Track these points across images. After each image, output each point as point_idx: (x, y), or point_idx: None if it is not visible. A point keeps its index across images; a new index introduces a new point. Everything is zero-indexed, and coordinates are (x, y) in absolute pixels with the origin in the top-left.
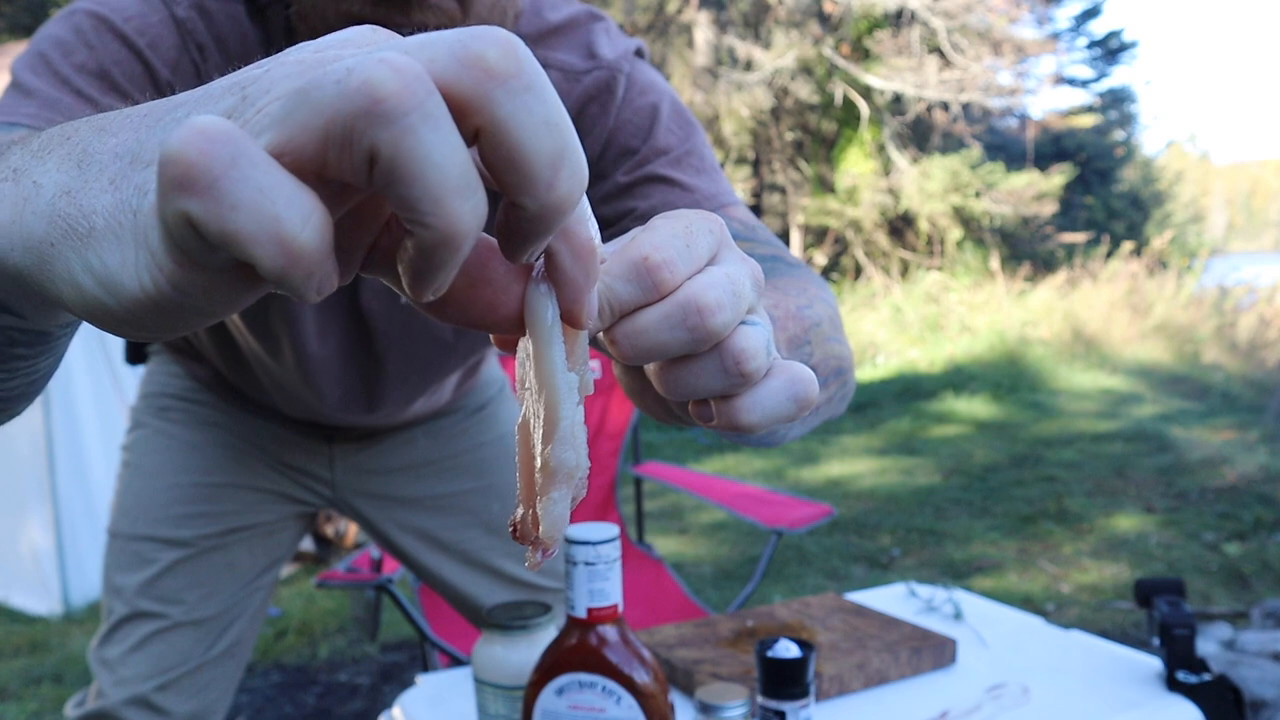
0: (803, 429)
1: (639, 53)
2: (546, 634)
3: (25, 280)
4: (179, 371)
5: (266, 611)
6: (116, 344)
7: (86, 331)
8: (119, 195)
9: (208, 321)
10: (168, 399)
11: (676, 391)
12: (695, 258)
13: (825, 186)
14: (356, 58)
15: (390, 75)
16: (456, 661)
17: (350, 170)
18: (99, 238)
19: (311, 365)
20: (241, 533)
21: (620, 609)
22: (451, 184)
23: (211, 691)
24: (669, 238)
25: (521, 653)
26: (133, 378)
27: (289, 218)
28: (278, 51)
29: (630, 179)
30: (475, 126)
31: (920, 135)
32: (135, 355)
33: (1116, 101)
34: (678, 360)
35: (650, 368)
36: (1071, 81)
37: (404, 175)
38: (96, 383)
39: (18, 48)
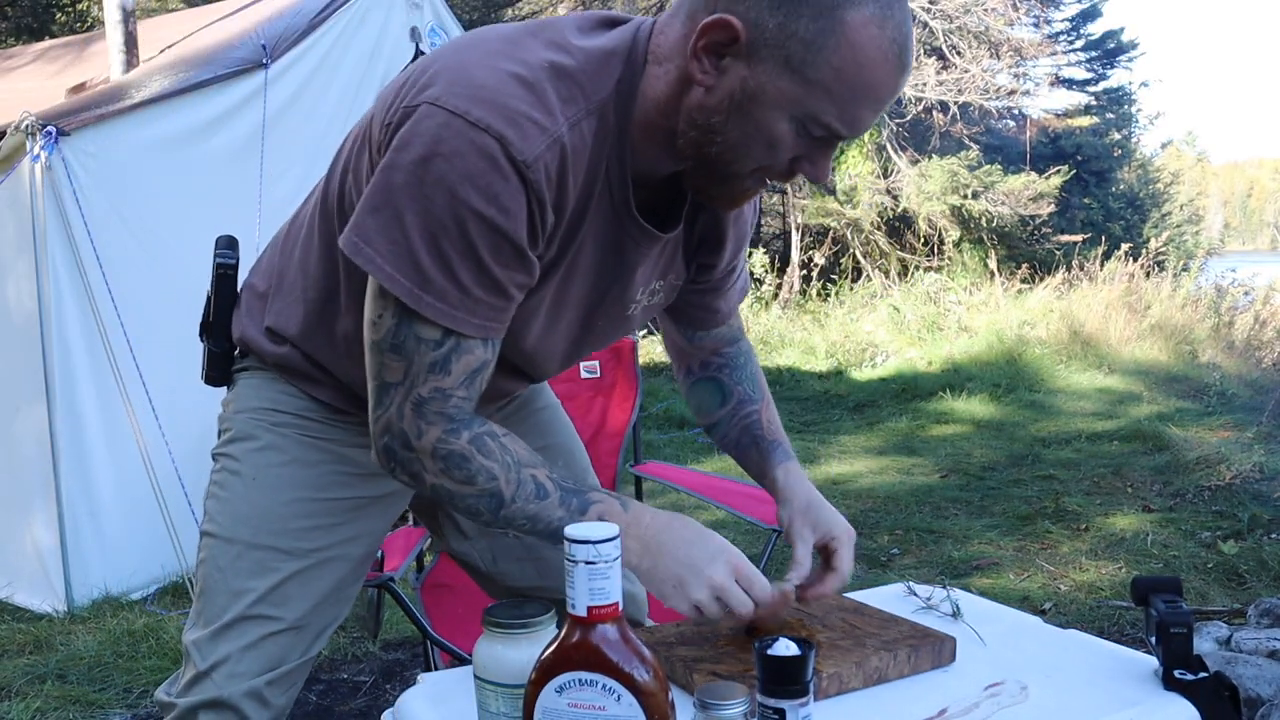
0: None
1: None
2: (547, 633)
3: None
4: (294, 391)
5: None
6: (120, 345)
7: (89, 332)
8: (677, 592)
9: None
10: (284, 415)
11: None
12: None
13: (824, 187)
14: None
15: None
16: (459, 660)
17: None
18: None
19: (521, 358)
20: (351, 544)
21: (620, 607)
22: None
23: (299, 687)
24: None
25: (523, 651)
26: (136, 380)
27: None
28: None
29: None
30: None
31: (919, 136)
32: (221, 378)
33: (1114, 103)
34: None
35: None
36: (1069, 83)
37: None
38: (100, 383)
39: (22, 50)
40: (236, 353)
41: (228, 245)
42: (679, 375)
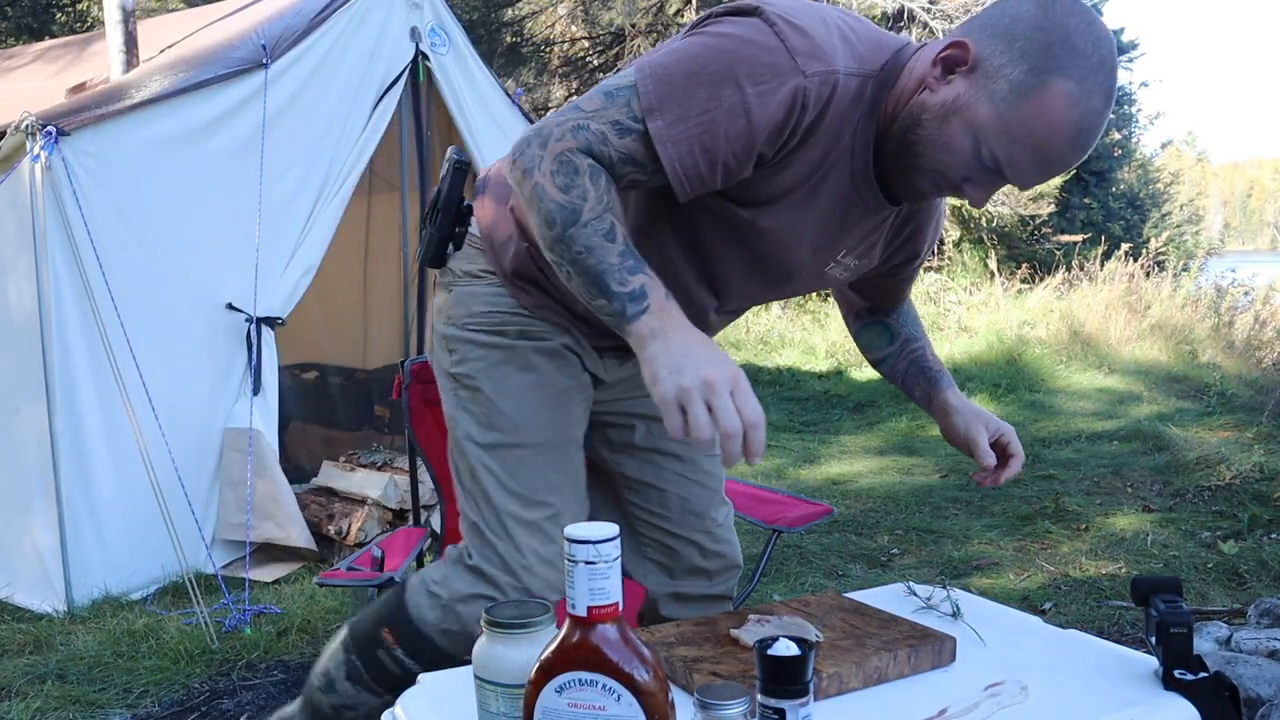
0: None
1: None
2: (547, 633)
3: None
4: (510, 302)
5: None
6: (120, 345)
7: (89, 332)
8: (670, 376)
9: None
10: (502, 316)
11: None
12: None
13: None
14: (699, 384)
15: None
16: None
17: None
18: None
19: (713, 270)
20: (575, 427)
21: (620, 607)
22: None
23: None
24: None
25: (523, 652)
26: (136, 380)
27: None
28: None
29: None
30: None
31: None
32: (439, 261)
33: (1114, 103)
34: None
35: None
36: None
37: None
38: (100, 383)
39: (22, 50)
40: (451, 247)
41: (458, 151)
42: (847, 319)
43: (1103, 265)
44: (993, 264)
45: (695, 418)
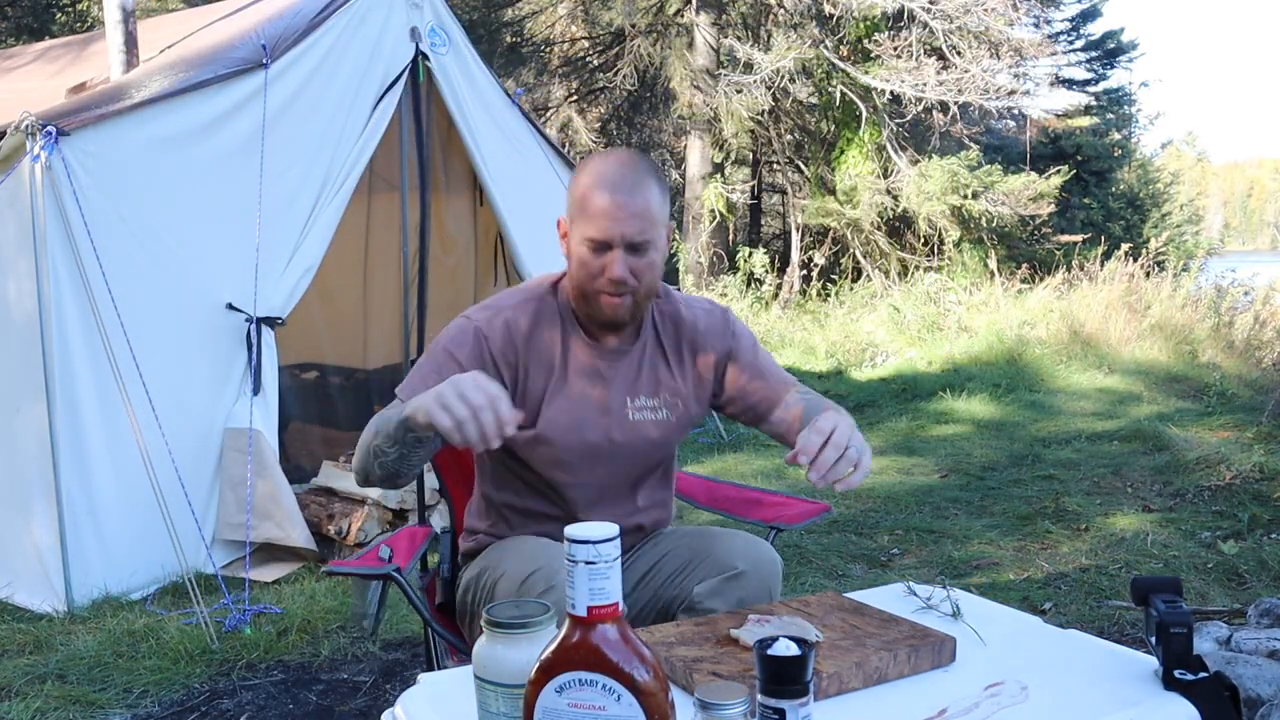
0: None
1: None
2: (547, 632)
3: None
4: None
5: None
6: (120, 345)
7: (89, 332)
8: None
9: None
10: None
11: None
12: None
13: (825, 187)
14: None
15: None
16: (464, 654)
17: None
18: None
19: None
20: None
21: (621, 608)
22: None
23: None
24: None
25: (523, 651)
26: (136, 380)
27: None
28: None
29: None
30: None
31: (919, 136)
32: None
33: (1114, 103)
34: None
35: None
36: (1069, 83)
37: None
38: (100, 383)
39: (22, 50)
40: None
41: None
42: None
43: (1103, 265)
44: (993, 264)
45: (449, 417)
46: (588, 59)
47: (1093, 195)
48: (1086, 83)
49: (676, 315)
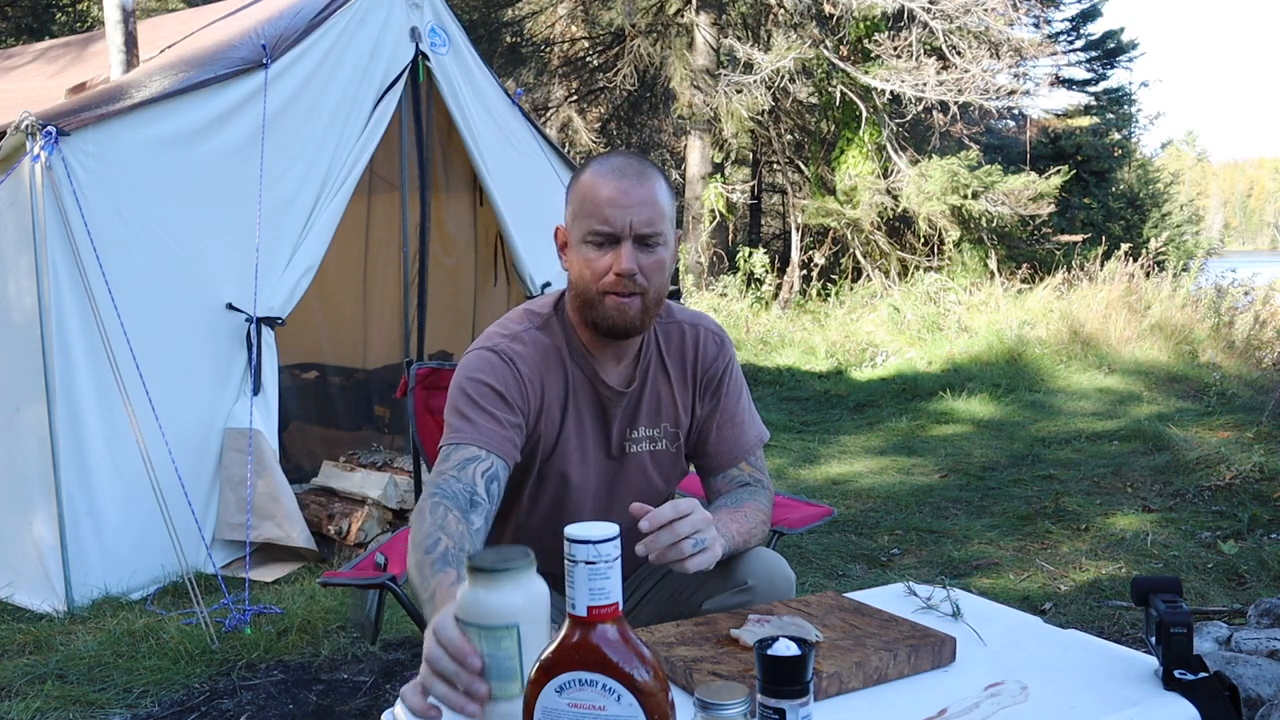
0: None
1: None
2: (528, 576)
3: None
4: None
5: None
6: (120, 345)
7: (89, 332)
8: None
9: None
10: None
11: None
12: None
13: (824, 187)
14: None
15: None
16: None
17: None
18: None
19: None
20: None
21: (620, 608)
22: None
23: None
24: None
25: (505, 594)
26: (136, 380)
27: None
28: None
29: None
30: None
31: (919, 136)
32: None
33: (1114, 103)
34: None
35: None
36: (1069, 83)
37: None
38: (100, 383)
39: (22, 50)
40: None
41: None
42: None
43: (1103, 265)
44: (993, 264)
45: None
46: (588, 59)
47: (1093, 195)
48: (1086, 83)
49: (682, 336)
